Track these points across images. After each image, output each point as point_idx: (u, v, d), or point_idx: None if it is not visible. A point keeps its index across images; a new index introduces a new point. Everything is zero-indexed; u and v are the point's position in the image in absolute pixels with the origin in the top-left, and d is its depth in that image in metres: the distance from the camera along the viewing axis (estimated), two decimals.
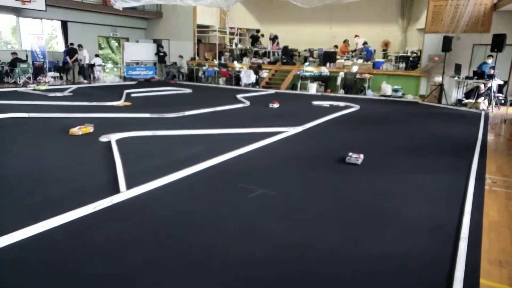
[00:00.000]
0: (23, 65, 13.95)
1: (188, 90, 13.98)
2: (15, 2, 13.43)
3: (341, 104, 11.44)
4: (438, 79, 12.79)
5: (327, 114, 9.35)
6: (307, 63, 15.91)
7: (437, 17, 13.19)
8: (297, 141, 6.67)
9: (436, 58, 13.22)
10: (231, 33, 18.28)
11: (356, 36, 16.71)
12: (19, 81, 13.62)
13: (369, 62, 15.12)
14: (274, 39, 17.82)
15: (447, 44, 12.14)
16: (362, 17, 17.70)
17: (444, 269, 2.67)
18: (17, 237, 2.85)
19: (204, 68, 17.48)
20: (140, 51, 18.17)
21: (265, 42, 18.61)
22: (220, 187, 4.23)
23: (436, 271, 2.65)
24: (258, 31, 18.91)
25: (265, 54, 18.11)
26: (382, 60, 15.46)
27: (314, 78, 15.16)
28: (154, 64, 18.59)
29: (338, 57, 15.99)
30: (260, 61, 17.16)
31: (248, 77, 15.75)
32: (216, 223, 3.32)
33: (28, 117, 7.66)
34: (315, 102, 11.65)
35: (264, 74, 16.21)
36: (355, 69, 14.59)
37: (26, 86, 13.00)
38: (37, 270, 2.51)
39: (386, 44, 17.18)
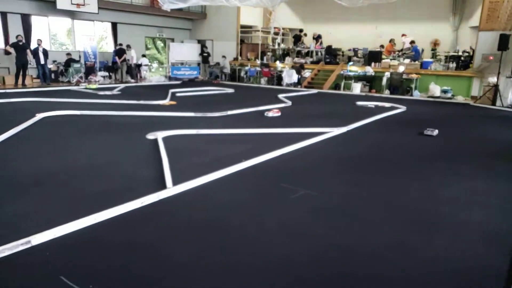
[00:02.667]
0: (76, 65, 14.71)
1: (230, 90, 14.13)
2: (71, 6, 14.17)
3: (387, 105, 11.09)
4: (493, 79, 12.06)
5: (372, 115, 9.09)
6: (351, 63, 15.59)
7: (493, 13, 12.44)
8: (341, 142, 6.54)
9: (491, 58, 12.47)
10: (275, 33, 18.26)
11: (403, 35, 16.13)
12: (72, 80, 14.36)
13: (417, 62, 14.55)
14: (317, 38, 17.61)
15: (503, 43, 11.42)
16: (410, 15, 17.06)
17: (500, 281, 2.49)
18: (71, 229, 2.98)
19: (247, 68, 17.59)
20: (184, 52, 18.59)
21: (308, 42, 18.43)
22: (262, 187, 4.22)
23: (490, 283, 2.48)
24: (301, 30, 18.78)
25: (308, 54, 17.95)
26: (431, 59, 14.82)
27: (358, 78, 14.82)
28: (198, 64, 18.96)
29: (383, 56, 15.53)
30: (302, 60, 17.03)
31: (290, 76, 15.67)
32: (258, 222, 3.32)
33: (80, 114, 8.04)
34: (359, 103, 11.38)
35: (307, 73, 16.06)
36: (401, 69, 14.10)
37: (78, 85, 13.68)
38: (87, 262, 2.61)
39: (435, 43, 16.46)
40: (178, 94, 12.10)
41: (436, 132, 7.10)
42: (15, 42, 12.64)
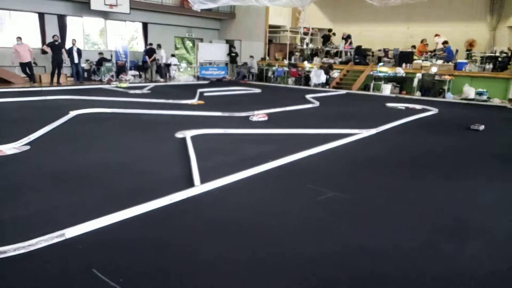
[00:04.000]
0: (108, 64, 15.11)
1: (257, 90, 14.14)
2: (104, 6, 14.57)
3: (418, 106, 10.80)
4: None
5: (402, 116, 8.86)
6: (381, 63, 15.29)
7: None
8: (370, 144, 6.41)
9: None
10: (305, 33, 18.15)
11: (436, 35, 15.65)
12: (104, 79, 14.75)
13: (450, 63, 14.09)
14: (347, 38, 17.37)
15: None
16: (444, 15, 16.55)
17: None
18: (102, 223, 3.05)
19: (274, 68, 17.56)
20: (213, 52, 18.75)
21: (337, 42, 18.21)
22: (289, 187, 4.19)
23: None
24: (330, 30, 18.58)
25: (337, 54, 17.73)
26: (465, 60, 14.32)
27: (388, 79, 14.52)
28: (226, 64, 19.08)
29: (415, 57, 15.14)
30: (331, 61, 16.84)
31: (318, 77, 15.52)
32: (285, 223, 3.30)
33: (111, 112, 8.24)
34: (389, 104, 11.14)
35: (335, 74, 15.86)
36: (434, 70, 13.69)
37: (109, 84, 14.04)
38: (117, 256, 2.67)
39: (470, 44, 15.86)
40: (206, 94, 12.21)
41: (482, 127, 7.41)
42: (51, 42, 13.10)
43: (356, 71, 15.82)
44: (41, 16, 13.99)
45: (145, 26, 17.17)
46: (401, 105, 10.95)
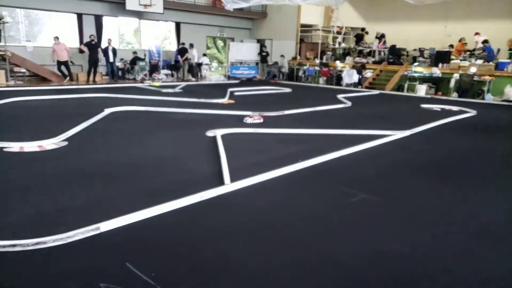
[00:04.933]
0: (141, 63, 15.47)
1: (287, 90, 14.08)
2: (138, 7, 14.93)
3: (454, 108, 10.41)
4: None
5: (437, 118, 8.57)
6: (416, 63, 14.85)
7: None
8: (404, 145, 6.22)
9: None
10: (338, 32, 17.90)
11: (476, 34, 15.02)
12: (138, 78, 15.11)
13: (491, 63, 13.48)
14: (380, 37, 17.00)
15: None
16: (485, 12, 15.86)
17: None
18: (135, 218, 3.11)
19: (305, 67, 17.42)
20: (244, 51, 18.82)
21: (370, 41, 17.85)
22: (320, 188, 4.13)
23: None
24: (363, 29, 18.24)
25: (370, 53, 17.38)
26: (508, 60, 13.66)
27: (423, 80, 14.08)
28: (257, 63, 19.10)
29: (453, 57, 14.60)
30: (364, 60, 16.53)
31: (350, 76, 15.27)
32: (316, 224, 3.25)
33: (144, 110, 8.42)
34: (424, 105, 10.79)
35: (368, 74, 15.55)
36: (473, 70, 13.15)
37: (143, 82, 14.37)
38: (150, 251, 2.71)
39: None
40: (236, 93, 12.27)
41: None
42: (88, 41, 13.56)
43: (389, 71, 15.45)
44: (79, 16, 14.49)
45: (177, 25, 17.45)
46: (436, 107, 10.59)
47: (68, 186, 3.87)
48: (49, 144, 5.35)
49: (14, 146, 5.12)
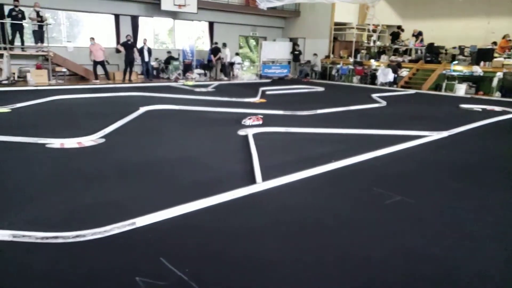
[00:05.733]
0: (175, 63, 15.74)
1: (320, 89, 13.93)
2: (173, 7, 15.21)
3: (497, 108, 9.95)
4: None
5: (478, 119, 8.21)
6: (455, 62, 14.29)
7: None
8: (442, 147, 6.01)
9: None
10: (373, 30, 17.52)
11: None
12: (171, 77, 15.40)
13: None
14: (418, 35, 16.49)
15: None
16: None
17: None
18: (169, 214, 3.17)
19: (338, 66, 17.17)
20: (276, 50, 18.77)
21: (406, 38, 17.34)
22: (353, 189, 4.05)
23: None
24: (399, 27, 17.74)
25: (406, 52, 16.89)
26: None
27: (463, 79, 13.53)
28: (289, 62, 19.01)
29: (496, 54, 13.93)
30: (400, 59, 16.09)
31: (385, 75, 14.91)
32: (349, 225, 3.19)
33: (178, 109, 8.56)
34: (464, 105, 10.36)
35: (404, 73, 15.13)
36: None
37: (176, 81, 14.63)
38: (183, 247, 2.75)
39: None
40: (268, 92, 12.26)
41: None
42: (124, 41, 13.95)
43: (427, 69, 14.96)
44: (117, 17, 14.94)
45: (211, 25, 17.65)
46: (477, 107, 10.15)
47: (106, 182, 4.00)
48: (88, 141, 5.55)
49: (55, 143, 5.34)
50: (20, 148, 5.10)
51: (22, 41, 12.29)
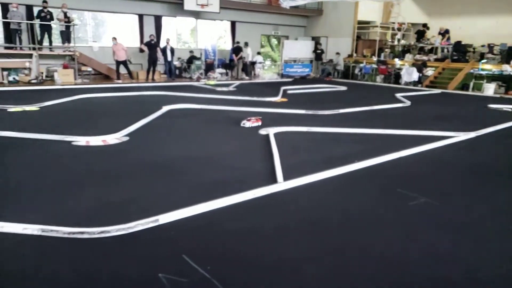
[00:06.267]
0: (197, 62, 15.88)
1: (343, 88, 13.78)
2: (196, 7, 15.34)
3: None
4: None
5: (508, 119, 7.95)
6: (484, 60, 13.88)
7: None
8: (468, 148, 5.84)
9: None
10: (398, 29, 17.19)
11: None
12: (193, 76, 15.53)
13: None
14: (444, 33, 16.07)
15: None
16: None
17: None
18: (191, 212, 3.20)
19: (361, 65, 16.94)
20: (298, 49, 18.66)
21: (431, 36, 16.94)
22: (377, 190, 3.98)
23: None
24: (424, 25, 17.34)
25: (432, 51, 16.49)
26: None
27: (492, 78, 13.12)
28: (311, 61, 18.88)
29: None
30: (425, 57, 15.74)
31: (409, 75, 14.61)
32: (372, 226, 3.14)
33: (200, 108, 8.63)
34: (493, 105, 10.04)
35: (429, 72, 14.79)
36: None
37: (198, 81, 14.74)
38: (205, 244, 2.77)
39: None
40: (289, 92, 12.21)
41: None
42: (148, 41, 14.15)
43: (453, 69, 14.58)
44: (140, 17, 15.19)
45: (233, 24, 17.71)
46: (507, 107, 9.82)
47: (130, 179, 4.07)
48: (112, 139, 5.66)
49: (81, 140, 5.47)
50: (47, 145, 5.26)
51: (50, 42, 12.66)
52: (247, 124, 6.82)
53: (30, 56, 11.77)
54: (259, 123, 6.89)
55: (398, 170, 4.66)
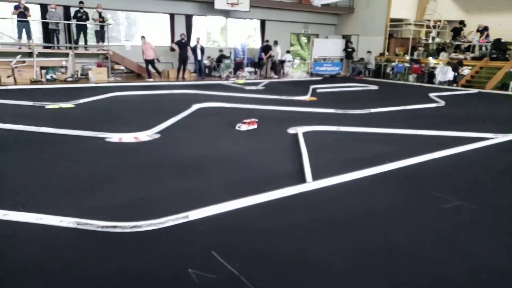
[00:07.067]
0: (227, 61, 15.97)
1: (374, 87, 13.50)
2: (226, 5, 15.44)
3: None
4: None
5: None
6: None
7: None
8: (508, 150, 5.59)
9: None
10: (433, 26, 16.66)
11: None
12: (223, 75, 15.64)
13: None
14: (483, 31, 15.42)
15: None
16: None
17: None
18: (221, 209, 3.22)
19: (393, 64, 16.53)
20: (328, 47, 18.44)
21: (468, 33, 16.29)
22: (409, 192, 3.88)
23: None
24: (461, 22, 16.71)
25: (468, 49, 15.88)
26: None
27: None
28: (341, 60, 18.61)
29: None
30: (461, 56, 15.16)
31: (444, 74, 14.13)
32: (404, 230, 3.06)
33: (229, 107, 8.68)
34: None
35: (465, 71, 14.25)
36: None
37: (227, 80, 14.83)
38: (234, 241, 2.78)
39: None
40: (319, 90, 12.08)
41: None
42: (179, 40, 14.35)
43: (492, 67, 13.97)
44: (172, 16, 15.43)
45: (262, 23, 17.70)
46: None
47: (160, 176, 4.15)
48: (144, 136, 5.78)
49: (114, 137, 5.62)
50: (82, 141, 5.43)
51: (86, 41, 13.08)
52: (243, 127, 6.45)
53: (66, 55, 12.22)
54: (255, 126, 6.55)
55: (431, 172, 4.51)
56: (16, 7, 11.28)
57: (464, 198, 3.67)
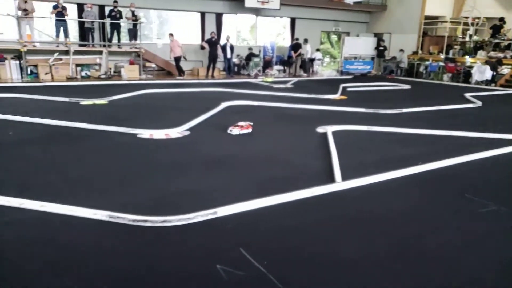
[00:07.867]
0: (256, 59, 15.97)
1: (406, 86, 13.15)
2: (256, 4, 15.44)
3: None
4: None
5: None
6: None
7: None
8: None
9: None
10: (472, 24, 16.06)
11: None
12: (252, 73, 15.66)
13: None
14: None
15: None
16: None
17: None
18: (249, 207, 3.23)
19: (427, 62, 16.03)
20: (359, 45, 18.11)
21: (509, 32, 15.59)
22: (443, 195, 3.75)
23: None
24: (501, 19, 15.99)
25: (509, 47, 15.18)
26: None
27: None
28: (372, 58, 18.24)
29: None
30: (501, 55, 14.52)
31: (481, 73, 13.58)
32: (439, 234, 2.96)
33: (258, 105, 8.68)
34: None
35: (505, 70, 13.64)
36: None
37: (256, 78, 14.83)
38: (262, 239, 2.78)
39: None
40: (349, 89, 11.89)
41: None
42: (209, 38, 14.47)
43: None
44: (202, 15, 15.60)
45: (292, 21, 17.59)
46: None
47: (190, 172, 4.20)
48: (175, 132, 5.86)
49: (145, 133, 5.74)
50: (115, 137, 5.57)
51: (119, 39, 13.42)
52: (234, 131, 5.94)
53: (100, 53, 12.58)
54: (249, 130, 6.05)
55: (466, 174, 4.36)
56: (54, 7, 11.72)
57: (502, 203, 3.52)
